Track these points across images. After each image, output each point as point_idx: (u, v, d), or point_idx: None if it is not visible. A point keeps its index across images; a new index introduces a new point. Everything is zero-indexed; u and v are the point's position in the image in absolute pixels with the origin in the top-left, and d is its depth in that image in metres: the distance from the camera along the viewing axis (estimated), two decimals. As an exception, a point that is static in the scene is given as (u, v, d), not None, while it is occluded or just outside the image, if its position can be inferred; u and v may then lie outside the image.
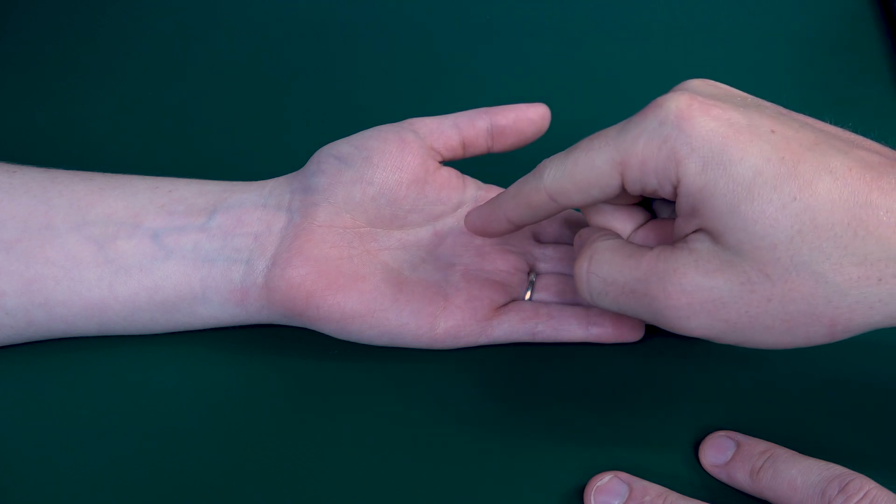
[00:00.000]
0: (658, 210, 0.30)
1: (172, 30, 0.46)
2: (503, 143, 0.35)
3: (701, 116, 0.25)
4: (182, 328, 0.33)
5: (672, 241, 0.27)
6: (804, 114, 0.28)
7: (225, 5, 0.48)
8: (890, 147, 0.27)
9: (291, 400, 0.32)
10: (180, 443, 0.31)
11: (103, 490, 0.30)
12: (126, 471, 0.30)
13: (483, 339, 0.32)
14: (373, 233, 0.33)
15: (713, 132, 0.25)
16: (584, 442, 0.31)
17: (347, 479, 0.30)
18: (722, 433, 0.30)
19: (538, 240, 0.36)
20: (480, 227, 0.31)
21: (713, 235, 0.25)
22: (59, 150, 0.40)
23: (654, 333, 0.34)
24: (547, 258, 0.35)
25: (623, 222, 0.30)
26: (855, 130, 0.40)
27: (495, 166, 0.39)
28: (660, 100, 0.26)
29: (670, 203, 0.30)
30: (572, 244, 0.36)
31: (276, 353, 0.33)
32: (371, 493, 0.30)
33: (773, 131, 0.25)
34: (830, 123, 0.28)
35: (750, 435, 0.31)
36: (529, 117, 0.35)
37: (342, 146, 0.33)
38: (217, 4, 0.48)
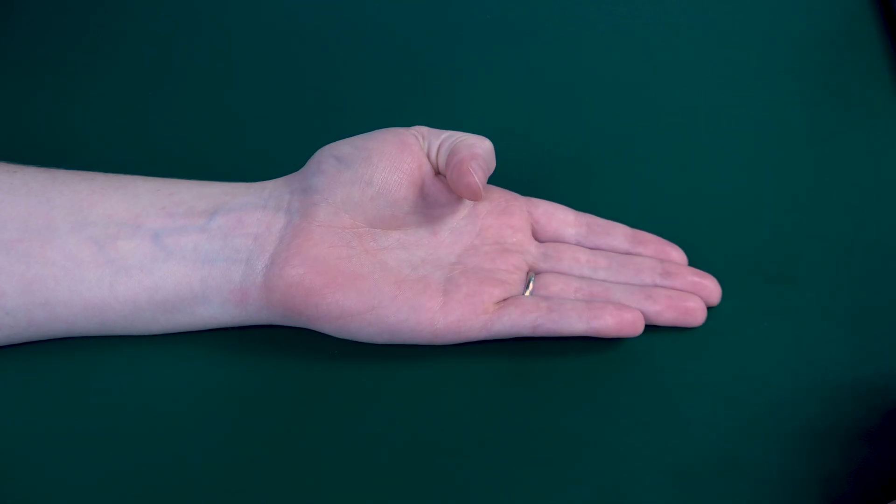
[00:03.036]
0: None
1: (174, 30, 0.46)
2: (450, 179, 0.33)
3: None
4: (182, 328, 0.33)
5: None
6: (804, 114, 0.28)
7: (226, 6, 0.48)
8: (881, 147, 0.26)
9: (291, 400, 0.32)
10: (180, 443, 0.31)
11: (103, 490, 0.30)
12: (126, 471, 0.30)
13: (484, 334, 0.32)
14: (372, 233, 0.33)
15: None
16: (586, 440, 0.31)
17: (348, 479, 0.30)
18: None
19: (537, 239, 0.36)
20: None
21: None
22: (60, 150, 0.40)
23: (656, 329, 0.34)
24: (546, 257, 0.35)
25: None
26: (855, 130, 0.40)
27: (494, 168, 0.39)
28: None
29: None
30: (571, 243, 0.36)
31: (276, 353, 0.33)
32: (372, 494, 0.30)
33: None
34: (830, 124, 0.28)
35: (749, 430, 0.31)
36: (467, 182, 0.32)
37: (342, 146, 0.33)
38: (218, 5, 0.48)
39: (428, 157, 0.33)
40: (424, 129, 0.34)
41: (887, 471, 0.30)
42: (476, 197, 0.32)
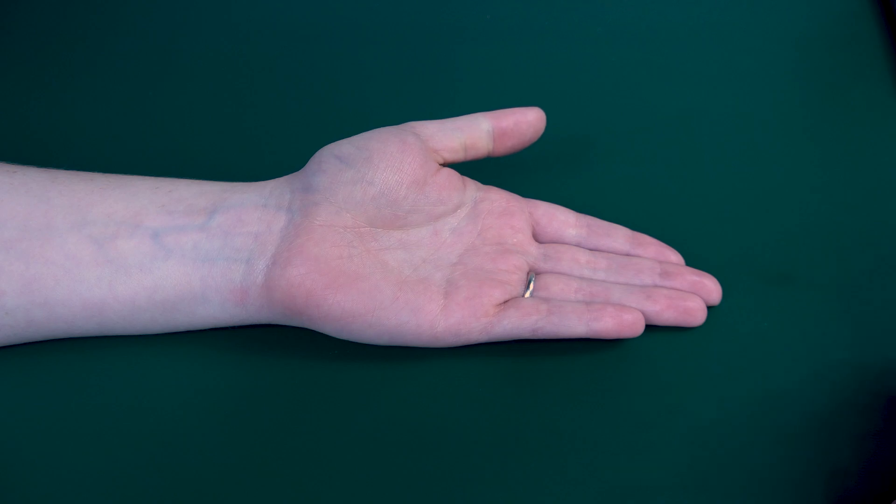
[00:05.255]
0: None
1: (173, 30, 0.46)
2: (504, 147, 0.35)
3: None
4: (182, 328, 0.33)
5: None
6: (804, 114, 0.28)
7: (226, 6, 0.48)
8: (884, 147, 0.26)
9: (291, 400, 0.32)
10: (180, 443, 0.31)
11: (103, 490, 0.30)
12: (126, 471, 0.30)
13: (484, 337, 0.32)
14: (373, 233, 0.33)
15: None
16: (586, 440, 0.31)
17: (347, 479, 0.30)
18: None
19: (538, 240, 0.36)
20: None
21: None
22: (59, 150, 0.40)
23: (656, 330, 0.34)
24: (546, 258, 0.35)
25: None
26: (855, 130, 0.40)
27: (494, 168, 0.39)
28: None
29: None
30: (571, 244, 0.36)
31: (276, 353, 0.33)
32: (371, 494, 0.30)
33: None
34: (830, 124, 0.28)
35: (750, 430, 0.31)
36: (528, 120, 0.35)
37: (343, 146, 0.33)
38: (218, 5, 0.48)
39: (434, 149, 0.34)
40: (419, 127, 0.34)
41: (888, 469, 0.30)
42: (541, 118, 0.35)
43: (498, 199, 0.36)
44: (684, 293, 0.34)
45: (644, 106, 0.43)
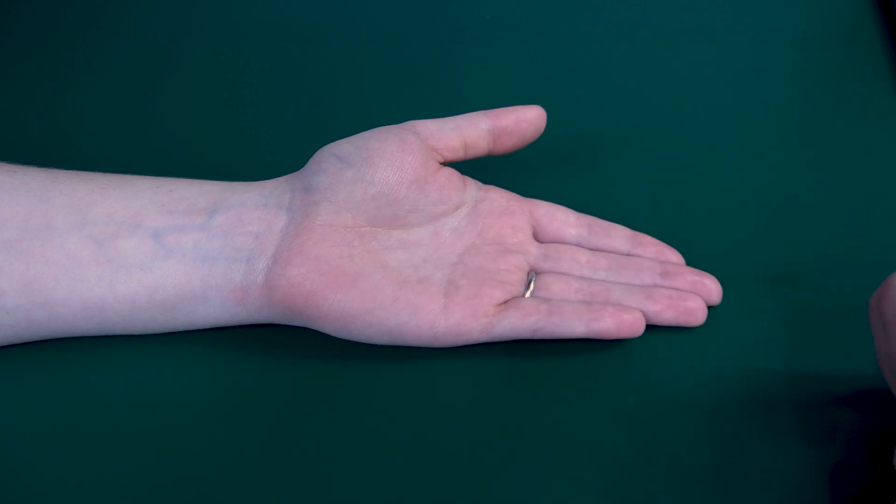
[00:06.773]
0: None
1: (173, 30, 0.46)
2: (504, 145, 0.35)
3: None
4: (182, 328, 0.33)
5: None
6: (805, 114, 0.28)
7: (226, 6, 0.48)
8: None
9: (291, 400, 0.32)
10: (180, 443, 0.31)
11: (103, 490, 0.30)
12: (126, 470, 0.30)
13: (484, 337, 0.32)
14: (373, 232, 0.33)
15: None
16: (586, 440, 0.31)
17: (348, 479, 0.30)
18: None
19: (538, 239, 0.36)
20: None
21: None
22: (60, 150, 0.40)
23: (656, 329, 0.34)
24: (547, 258, 0.35)
25: None
26: (856, 130, 0.40)
27: (494, 168, 0.39)
28: None
29: None
30: (572, 244, 0.36)
31: (276, 353, 0.33)
32: (371, 494, 0.30)
33: None
34: (830, 124, 0.28)
35: (750, 430, 0.30)
36: (529, 118, 0.35)
37: (343, 146, 0.33)
38: (218, 5, 0.48)
39: (434, 148, 0.34)
40: (419, 126, 0.34)
41: (890, 469, 0.30)
42: (542, 116, 0.35)
43: (498, 198, 0.36)
44: (684, 293, 0.34)
45: (645, 106, 0.43)
